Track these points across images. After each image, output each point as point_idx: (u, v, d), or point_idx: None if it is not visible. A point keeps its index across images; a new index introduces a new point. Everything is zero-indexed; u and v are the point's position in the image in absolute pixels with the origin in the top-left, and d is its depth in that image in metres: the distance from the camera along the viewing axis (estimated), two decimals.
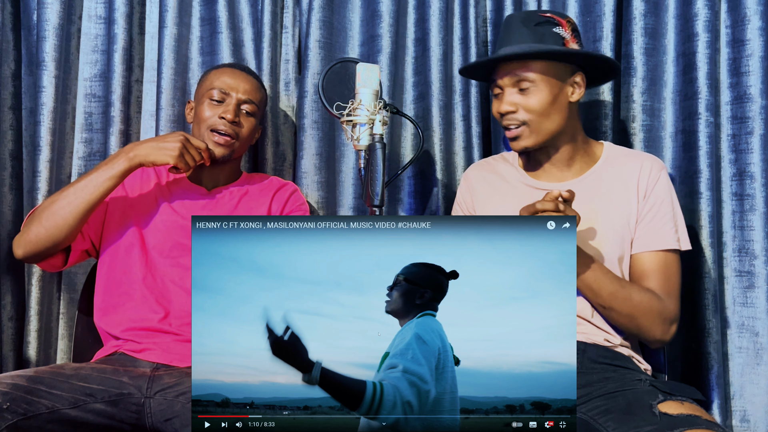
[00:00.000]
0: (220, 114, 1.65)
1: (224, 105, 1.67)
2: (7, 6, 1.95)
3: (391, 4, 1.90)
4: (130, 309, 1.62)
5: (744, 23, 1.73)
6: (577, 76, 1.52)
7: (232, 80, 1.69)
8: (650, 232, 1.49)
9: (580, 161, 1.58)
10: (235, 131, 1.67)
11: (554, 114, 1.49)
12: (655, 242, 1.49)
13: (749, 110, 1.73)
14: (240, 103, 1.68)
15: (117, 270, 1.67)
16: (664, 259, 1.48)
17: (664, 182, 1.52)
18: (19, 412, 1.32)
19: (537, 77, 1.48)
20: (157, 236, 1.66)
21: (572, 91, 1.52)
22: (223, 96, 1.67)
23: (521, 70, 1.49)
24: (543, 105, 1.48)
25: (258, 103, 1.72)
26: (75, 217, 1.54)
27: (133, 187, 1.71)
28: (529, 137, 1.51)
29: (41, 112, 1.89)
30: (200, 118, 1.68)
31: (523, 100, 1.49)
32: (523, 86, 1.49)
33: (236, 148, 1.69)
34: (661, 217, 1.50)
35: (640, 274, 1.49)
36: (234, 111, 1.66)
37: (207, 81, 1.71)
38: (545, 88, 1.48)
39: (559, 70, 1.50)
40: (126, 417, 1.45)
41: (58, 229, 1.54)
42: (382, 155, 1.34)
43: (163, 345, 1.58)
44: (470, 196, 1.66)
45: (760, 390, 1.70)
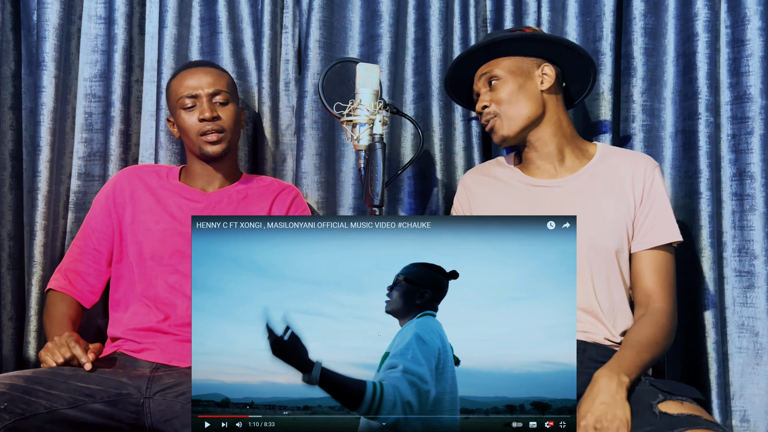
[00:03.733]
0: (199, 117, 1.67)
1: (198, 107, 1.68)
2: (7, 6, 1.95)
3: (391, 4, 1.90)
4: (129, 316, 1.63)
5: (744, 23, 1.73)
6: (546, 67, 1.59)
7: (193, 80, 1.70)
8: (647, 231, 1.52)
9: (571, 156, 1.60)
10: (219, 125, 1.68)
11: (523, 101, 1.56)
12: (652, 240, 1.51)
13: (749, 110, 1.73)
14: (210, 98, 1.69)
15: (117, 282, 1.69)
16: (660, 256, 1.51)
17: (659, 181, 1.55)
18: (17, 412, 1.32)
19: (502, 72, 1.58)
20: (154, 245, 1.66)
21: (541, 81, 1.59)
22: (193, 100, 1.69)
23: (489, 70, 1.60)
24: (509, 93, 1.56)
25: (227, 90, 1.72)
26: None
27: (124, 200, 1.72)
28: (502, 126, 1.57)
29: (41, 112, 1.88)
30: (184, 129, 1.70)
31: (493, 95, 1.59)
32: (492, 83, 1.59)
33: (230, 139, 1.71)
34: (655, 216, 1.52)
35: (638, 272, 1.52)
36: (209, 108, 1.67)
37: (172, 92, 1.73)
38: (510, 79, 1.57)
39: (524, 63, 1.59)
40: (125, 417, 1.45)
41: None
42: (382, 155, 1.34)
43: (162, 345, 1.58)
44: (467, 200, 1.67)
45: (760, 390, 1.70)
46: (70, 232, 1.93)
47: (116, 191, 1.73)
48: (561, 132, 1.59)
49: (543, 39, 1.59)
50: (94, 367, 1.48)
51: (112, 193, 1.73)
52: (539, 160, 1.60)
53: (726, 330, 1.73)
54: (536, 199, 1.57)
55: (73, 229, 1.93)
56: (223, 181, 1.76)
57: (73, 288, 1.70)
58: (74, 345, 1.47)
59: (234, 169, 1.79)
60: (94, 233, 1.73)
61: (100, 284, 1.72)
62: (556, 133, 1.58)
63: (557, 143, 1.59)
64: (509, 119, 1.56)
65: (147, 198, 1.71)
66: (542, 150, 1.59)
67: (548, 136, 1.58)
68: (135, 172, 1.77)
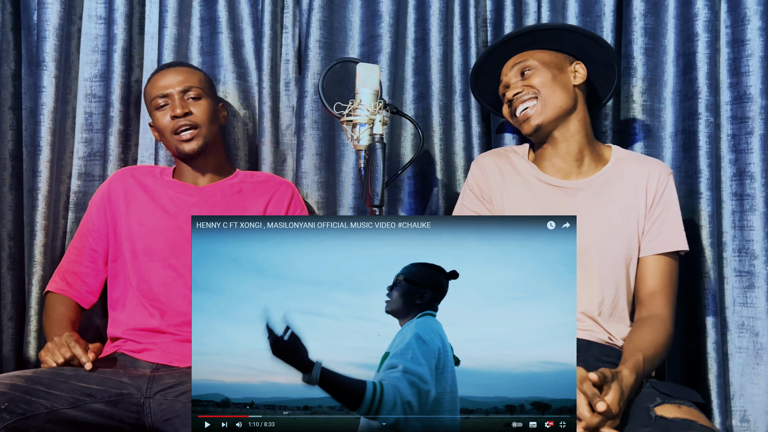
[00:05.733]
0: (171, 114, 1.68)
1: (170, 105, 1.69)
2: (7, 6, 1.95)
3: (391, 4, 1.90)
4: (127, 314, 1.63)
5: (744, 23, 1.73)
6: (577, 64, 1.61)
7: (164, 80, 1.71)
8: (656, 236, 1.52)
9: (589, 159, 1.60)
10: (191, 121, 1.68)
11: (558, 90, 1.57)
12: (660, 246, 1.52)
13: (749, 110, 1.73)
14: (182, 94, 1.69)
15: (114, 281, 1.69)
16: (665, 262, 1.52)
17: (671, 188, 1.56)
18: (18, 412, 1.32)
19: (536, 62, 1.59)
20: (148, 239, 1.66)
21: (574, 75, 1.60)
22: (164, 99, 1.70)
23: (522, 60, 1.60)
24: (546, 81, 1.57)
25: (199, 85, 1.73)
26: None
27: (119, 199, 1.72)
28: (541, 113, 1.56)
29: (41, 112, 1.88)
30: (160, 129, 1.71)
31: (526, 82, 1.59)
32: (525, 73, 1.59)
33: (205, 134, 1.70)
34: (663, 223, 1.53)
35: (642, 276, 1.52)
36: (180, 104, 1.68)
37: (147, 96, 1.75)
38: (545, 69, 1.58)
39: (557, 57, 1.60)
40: (126, 417, 1.45)
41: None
42: (382, 155, 1.34)
43: (162, 345, 1.58)
44: (485, 182, 1.63)
45: (760, 390, 1.70)
46: (70, 232, 1.93)
47: (111, 191, 1.74)
48: (585, 131, 1.59)
49: (581, 32, 1.61)
50: (94, 367, 1.48)
51: (107, 193, 1.74)
52: (557, 157, 1.60)
53: (726, 330, 1.73)
54: (549, 199, 1.57)
55: (73, 228, 1.93)
56: (213, 176, 1.76)
57: (72, 289, 1.70)
58: (74, 345, 1.47)
59: (222, 163, 1.79)
60: (90, 233, 1.73)
61: (98, 284, 1.72)
62: (580, 130, 1.58)
63: (579, 142, 1.58)
64: (547, 105, 1.55)
65: (141, 195, 1.71)
66: (563, 147, 1.59)
67: (573, 132, 1.58)
68: (130, 172, 1.78)
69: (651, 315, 1.48)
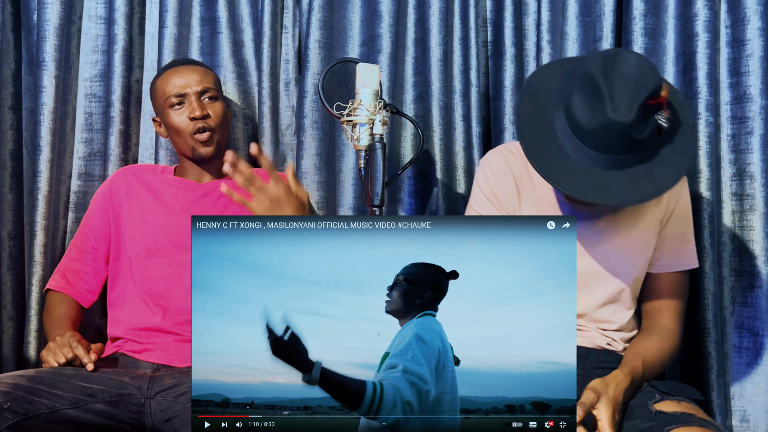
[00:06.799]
0: (189, 115, 1.67)
1: (187, 105, 1.68)
2: (7, 6, 1.95)
3: (391, 4, 1.90)
4: (128, 313, 1.63)
5: (744, 23, 1.73)
6: None
7: (181, 79, 1.70)
8: (666, 254, 1.49)
9: None
10: (209, 124, 1.68)
11: None
12: (670, 266, 1.49)
13: (749, 110, 1.72)
14: (199, 95, 1.69)
15: (114, 279, 1.69)
16: (677, 277, 1.50)
17: (685, 198, 1.49)
18: (20, 412, 1.32)
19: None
20: (150, 236, 1.66)
21: None
22: (180, 98, 1.68)
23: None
24: None
25: (214, 87, 1.73)
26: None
27: (120, 197, 1.72)
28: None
29: (41, 112, 1.89)
30: (174, 128, 1.69)
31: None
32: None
33: (220, 137, 1.71)
34: (674, 240, 1.48)
35: (653, 290, 1.50)
36: (198, 106, 1.67)
37: (159, 91, 1.73)
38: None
39: None
40: (126, 417, 1.45)
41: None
42: (382, 155, 1.34)
43: (163, 345, 1.59)
44: (497, 183, 1.49)
45: (760, 390, 1.70)
46: (70, 232, 1.93)
47: (113, 189, 1.74)
48: None
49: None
50: (95, 367, 1.48)
51: (109, 192, 1.74)
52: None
53: (726, 330, 1.73)
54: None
55: (73, 228, 1.93)
56: (216, 173, 1.76)
57: (72, 288, 1.70)
58: (76, 345, 1.47)
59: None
60: (91, 232, 1.73)
61: (99, 283, 1.72)
62: None
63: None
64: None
65: (142, 192, 1.72)
66: None
67: None
68: (131, 170, 1.79)
69: (659, 325, 1.47)
